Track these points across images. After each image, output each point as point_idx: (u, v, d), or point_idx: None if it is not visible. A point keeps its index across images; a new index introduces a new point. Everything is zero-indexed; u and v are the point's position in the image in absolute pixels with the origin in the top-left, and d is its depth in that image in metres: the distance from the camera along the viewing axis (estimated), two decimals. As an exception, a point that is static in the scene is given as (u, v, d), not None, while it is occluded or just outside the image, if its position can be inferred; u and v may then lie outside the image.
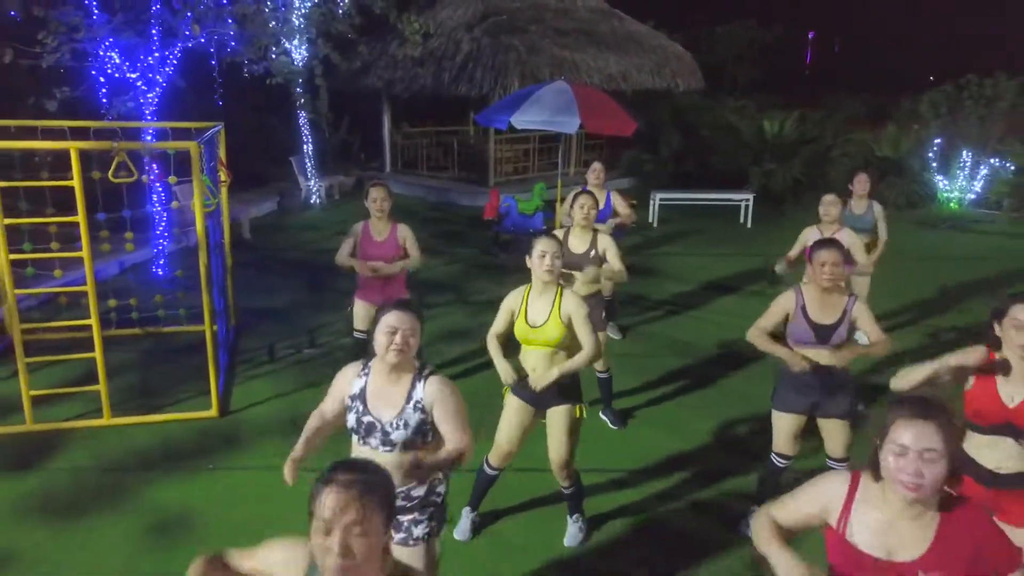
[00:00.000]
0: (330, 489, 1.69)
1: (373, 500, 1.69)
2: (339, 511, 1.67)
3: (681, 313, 8.34)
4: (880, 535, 2.05)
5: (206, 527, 4.29)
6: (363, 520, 1.67)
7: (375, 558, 1.70)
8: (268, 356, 6.76)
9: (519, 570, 3.96)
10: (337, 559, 1.65)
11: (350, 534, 1.66)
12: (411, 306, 2.85)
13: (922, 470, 1.95)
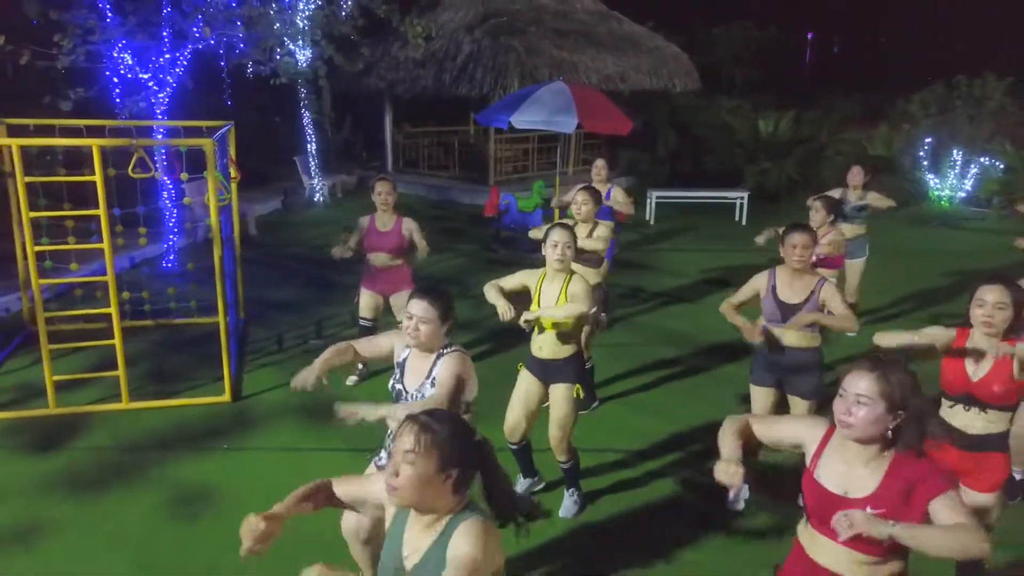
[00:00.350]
0: (405, 424, 2.02)
1: (428, 440, 1.99)
2: (400, 440, 2.01)
3: (675, 305, 8.62)
4: (841, 477, 2.34)
5: (223, 501, 4.57)
6: (415, 452, 1.98)
7: (424, 491, 2.00)
8: (277, 346, 7.04)
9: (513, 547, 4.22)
10: (387, 478, 2.00)
11: (403, 460, 1.98)
12: (432, 294, 3.13)
13: (851, 409, 2.26)
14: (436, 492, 2.02)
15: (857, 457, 2.33)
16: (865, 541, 2.23)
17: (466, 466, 2.05)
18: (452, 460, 2.01)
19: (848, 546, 2.29)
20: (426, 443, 1.99)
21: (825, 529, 2.35)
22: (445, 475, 2.01)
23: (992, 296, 3.21)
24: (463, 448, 2.04)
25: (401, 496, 2.01)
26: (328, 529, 3.60)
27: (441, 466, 2.00)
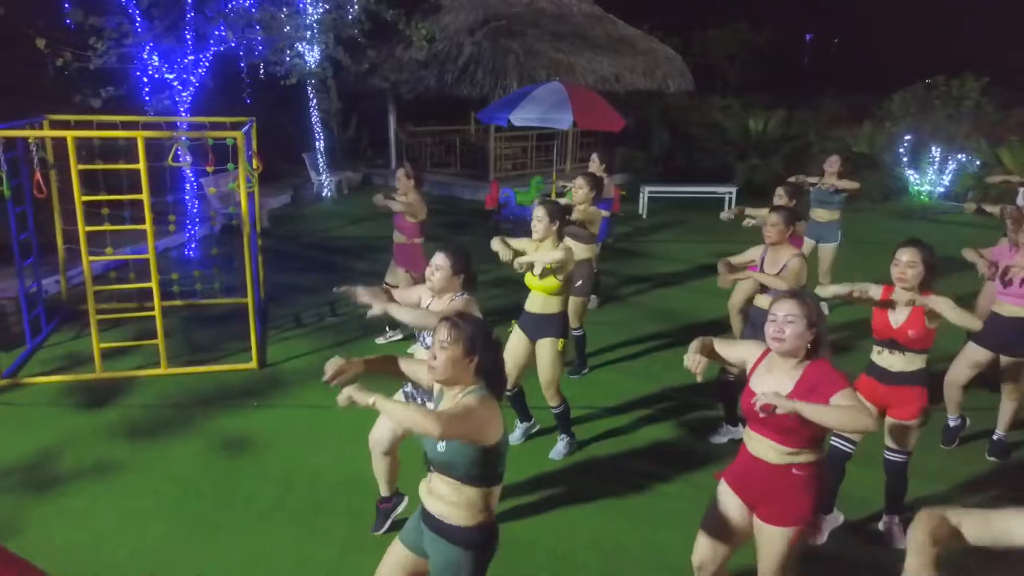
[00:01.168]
0: (441, 322, 2.73)
1: (457, 333, 2.68)
2: (438, 333, 2.71)
3: (664, 288, 9.27)
4: (768, 384, 2.99)
5: (257, 446, 5.22)
6: (447, 340, 2.67)
7: (454, 370, 2.70)
8: (295, 323, 7.69)
9: (514, 477, 4.86)
10: (429, 360, 2.73)
11: (439, 348, 2.69)
12: (450, 248, 3.82)
13: (783, 328, 2.92)
14: (462, 371, 2.70)
15: (780, 368, 2.99)
16: (784, 434, 2.89)
17: (484, 354, 2.71)
18: (474, 348, 2.68)
19: (772, 439, 2.96)
20: (456, 335, 2.67)
21: (756, 426, 3.01)
22: (469, 359, 2.68)
23: (905, 256, 3.89)
24: (483, 341, 2.71)
25: (438, 373, 2.70)
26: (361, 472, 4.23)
27: (466, 352, 2.67)
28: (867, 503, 4.52)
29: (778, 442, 2.96)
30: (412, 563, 2.96)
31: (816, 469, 3.00)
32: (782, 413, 2.74)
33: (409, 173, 6.72)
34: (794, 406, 2.71)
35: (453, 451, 2.68)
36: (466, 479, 2.70)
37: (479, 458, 2.66)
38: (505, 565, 3.92)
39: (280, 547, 4.14)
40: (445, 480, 2.74)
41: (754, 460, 3.06)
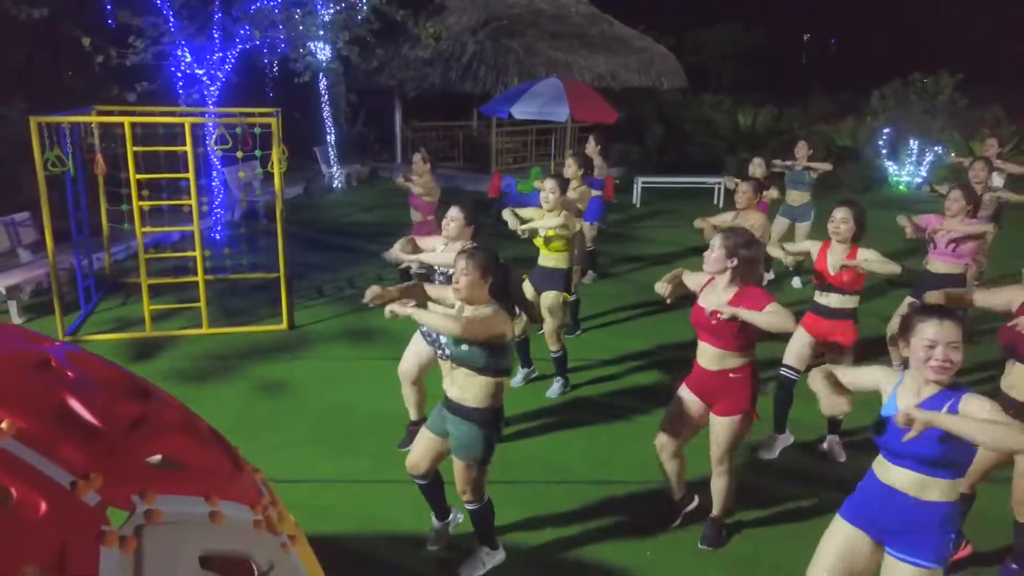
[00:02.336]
0: (460, 254, 3.49)
1: (472, 260, 3.46)
2: (458, 262, 3.48)
3: (655, 266, 10.08)
4: (710, 302, 3.80)
5: (293, 389, 6.04)
6: (465, 268, 3.46)
7: (473, 290, 3.47)
8: (318, 294, 8.51)
9: (514, 410, 5.67)
10: (453, 284, 3.50)
11: (460, 273, 3.46)
12: (462, 202, 4.65)
13: (709, 256, 3.73)
14: (480, 290, 3.50)
15: (719, 287, 3.83)
16: (722, 338, 3.72)
17: (496, 275, 3.52)
18: (488, 271, 3.49)
19: (713, 344, 3.79)
20: (473, 262, 3.47)
21: (704, 336, 3.85)
22: (484, 280, 3.48)
23: (839, 214, 4.73)
24: (495, 265, 3.52)
25: (461, 293, 3.50)
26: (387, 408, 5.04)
27: (482, 274, 3.47)
28: (813, 429, 5.32)
29: (717, 347, 3.79)
30: (437, 445, 3.76)
31: (749, 371, 3.83)
32: (724, 319, 3.59)
33: (426, 158, 7.54)
34: (735, 312, 3.54)
35: (472, 350, 3.49)
36: (481, 370, 3.51)
37: (491, 354, 3.47)
38: (511, 473, 4.75)
39: (320, 461, 4.95)
40: (465, 372, 3.55)
41: (702, 369, 3.91)
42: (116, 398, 2.10)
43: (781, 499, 4.55)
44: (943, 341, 2.56)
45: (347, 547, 4.05)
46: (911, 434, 2.42)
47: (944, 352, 2.56)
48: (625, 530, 4.25)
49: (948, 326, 2.58)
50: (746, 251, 3.77)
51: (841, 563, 2.79)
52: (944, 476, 2.61)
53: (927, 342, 2.59)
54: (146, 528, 1.64)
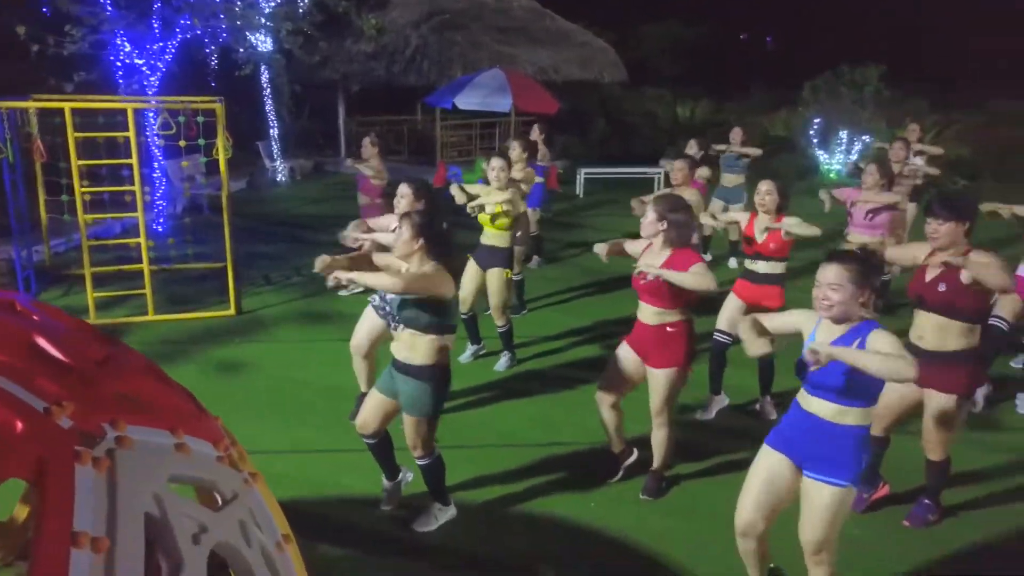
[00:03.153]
0: (403, 218, 3.65)
1: (412, 221, 3.62)
2: (399, 229, 3.62)
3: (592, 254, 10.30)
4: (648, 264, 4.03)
5: (246, 368, 6.10)
6: (405, 229, 3.62)
7: (409, 248, 3.63)
8: (265, 281, 8.53)
9: (463, 384, 5.83)
10: (395, 245, 3.67)
11: (400, 235, 3.62)
12: (413, 180, 4.80)
13: (645, 223, 3.97)
14: (420, 251, 3.66)
15: (655, 251, 4.06)
16: (658, 298, 3.96)
17: (435, 236, 3.68)
18: (427, 232, 3.65)
19: (651, 303, 4.03)
20: (412, 223, 3.62)
21: (643, 297, 4.08)
22: (424, 240, 3.65)
23: (764, 187, 5.05)
24: (433, 226, 3.68)
25: (400, 251, 3.65)
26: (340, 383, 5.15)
27: (421, 234, 3.64)
28: (745, 391, 5.61)
29: (655, 305, 4.03)
30: (386, 404, 3.91)
31: (684, 327, 4.09)
32: (652, 279, 3.84)
33: (374, 141, 7.66)
34: (660, 272, 3.79)
35: (415, 310, 3.65)
36: (425, 329, 3.66)
37: (434, 312, 3.64)
38: (460, 438, 4.92)
39: (272, 433, 5.04)
40: (410, 332, 3.70)
41: (642, 324, 4.14)
42: (83, 340, 2.23)
43: (717, 454, 4.82)
44: (824, 282, 2.90)
45: (300, 511, 4.15)
46: (816, 367, 2.73)
47: (824, 291, 2.89)
48: (570, 485, 4.45)
49: (830, 269, 2.92)
50: (675, 215, 4.01)
51: (766, 486, 3.04)
52: (855, 405, 2.88)
53: (816, 283, 2.91)
54: (117, 452, 1.77)
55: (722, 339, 5.26)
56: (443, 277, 3.64)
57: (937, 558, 3.80)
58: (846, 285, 2.87)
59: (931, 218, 3.81)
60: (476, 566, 3.76)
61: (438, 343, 3.72)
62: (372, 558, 3.82)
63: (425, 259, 3.70)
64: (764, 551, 3.15)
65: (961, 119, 16.21)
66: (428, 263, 3.69)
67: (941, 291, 3.72)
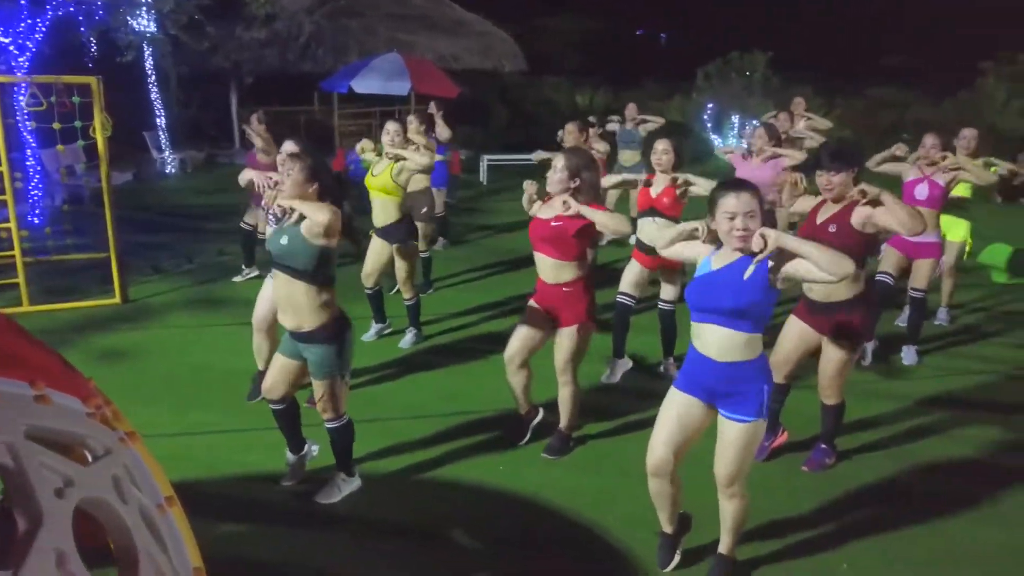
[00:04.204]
0: (288, 158, 3.54)
1: (300, 162, 3.50)
2: (284, 166, 3.51)
3: (502, 234, 10.35)
4: (549, 216, 4.01)
5: (136, 354, 5.77)
6: (292, 169, 3.50)
7: (301, 190, 3.50)
8: (153, 270, 8.10)
9: (369, 361, 5.68)
10: (281, 188, 3.52)
11: (286, 175, 3.50)
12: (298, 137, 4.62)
13: (551, 176, 3.96)
14: (308, 195, 3.52)
15: (556, 203, 4.05)
16: (558, 247, 3.96)
17: (324, 180, 3.55)
18: (316, 174, 3.52)
19: (550, 255, 4.02)
20: (300, 164, 3.50)
21: (541, 247, 4.07)
22: (311, 183, 3.52)
23: (660, 146, 5.12)
24: (323, 170, 3.54)
25: (287, 193, 3.52)
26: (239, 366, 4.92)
27: (310, 176, 3.51)
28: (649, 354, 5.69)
29: (552, 256, 4.03)
30: (291, 367, 3.75)
31: (582, 284, 4.10)
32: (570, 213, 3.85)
33: (261, 118, 7.36)
34: (578, 208, 3.79)
35: (296, 245, 3.52)
36: (301, 274, 3.52)
37: (317, 253, 3.51)
38: (367, 412, 4.77)
39: (165, 417, 4.76)
40: (289, 292, 3.55)
41: (542, 283, 4.14)
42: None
43: (623, 414, 4.85)
44: (741, 211, 2.86)
45: (199, 490, 3.94)
46: (762, 255, 2.79)
47: (743, 221, 2.86)
48: (479, 451, 4.39)
49: (744, 197, 2.88)
50: (588, 173, 4.01)
51: (676, 424, 3.06)
52: (745, 329, 2.90)
53: (728, 213, 2.88)
54: (-29, 398, 1.62)
55: (625, 301, 5.31)
56: (335, 215, 3.51)
57: (834, 499, 3.94)
58: (758, 211, 2.89)
59: (822, 171, 3.93)
60: (384, 533, 3.65)
61: (323, 297, 3.59)
62: (276, 531, 3.65)
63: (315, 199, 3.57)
64: (676, 493, 3.17)
65: (843, 104, 17.05)
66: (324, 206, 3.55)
67: (832, 232, 3.84)
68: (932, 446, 4.54)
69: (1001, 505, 3.91)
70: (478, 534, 3.68)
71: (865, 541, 3.56)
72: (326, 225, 3.39)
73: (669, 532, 3.29)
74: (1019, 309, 7.18)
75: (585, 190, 4.04)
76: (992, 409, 5.04)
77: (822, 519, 3.75)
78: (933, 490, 4.07)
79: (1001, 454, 4.47)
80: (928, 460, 4.37)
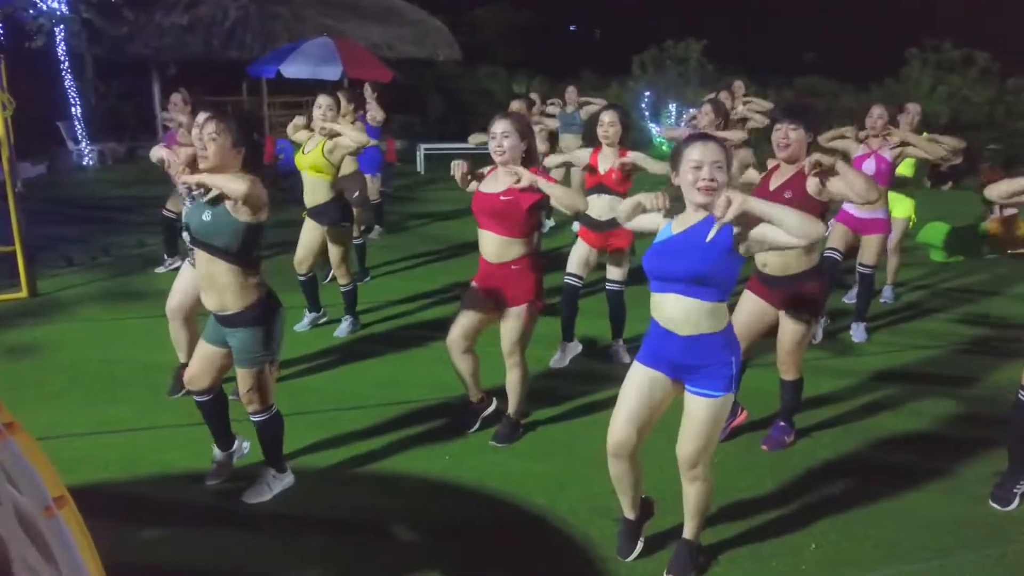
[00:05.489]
0: (205, 117, 3.13)
1: (222, 123, 3.12)
2: (204, 126, 3.10)
3: (440, 222, 10.06)
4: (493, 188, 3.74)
5: (41, 349, 5.29)
6: (213, 132, 3.11)
7: (224, 158, 3.13)
8: (66, 263, 7.54)
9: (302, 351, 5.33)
10: (200, 158, 3.15)
11: (208, 139, 3.10)
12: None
13: (500, 145, 3.72)
14: (231, 160, 3.16)
15: (503, 176, 3.79)
16: (506, 223, 3.70)
17: (249, 145, 3.21)
18: (241, 138, 3.17)
19: (496, 231, 3.76)
20: (223, 125, 3.13)
21: (487, 223, 3.80)
22: (236, 149, 3.17)
23: (607, 118, 4.90)
24: (247, 133, 3.20)
25: (208, 161, 3.14)
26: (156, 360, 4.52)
27: (234, 141, 3.15)
28: (597, 337, 5.48)
29: (499, 232, 3.77)
30: (218, 355, 3.39)
31: (529, 262, 3.87)
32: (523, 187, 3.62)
33: (187, 99, 6.87)
34: (534, 179, 3.55)
35: (219, 221, 3.16)
36: (224, 254, 3.18)
37: (243, 231, 3.17)
38: (299, 404, 4.44)
39: (75, 414, 4.33)
40: (211, 272, 3.20)
41: (486, 263, 3.88)
42: None
43: (573, 398, 4.62)
44: (707, 161, 2.64)
45: (109, 493, 3.56)
46: (728, 216, 2.54)
47: (710, 171, 2.64)
48: (423, 440, 4.10)
49: (711, 147, 2.67)
50: (533, 139, 3.77)
51: (638, 400, 2.83)
52: (709, 297, 2.69)
53: (693, 163, 2.66)
54: None
55: (572, 282, 5.08)
56: (262, 189, 3.17)
57: (796, 478, 3.79)
58: (724, 164, 2.68)
59: (780, 124, 3.74)
60: (319, 532, 3.33)
61: (252, 279, 3.25)
62: (201, 535, 3.30)
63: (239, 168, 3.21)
64: (637, 475, 2.95)
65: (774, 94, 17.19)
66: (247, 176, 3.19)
67: (787, 198, 3.66)
68: (887, 421, 4.44)
69: (960, 477, 3.81)
70: (421, 527, 3.39)
71: (830, 519, 3.40)
72: (245, 194, 3.04)
73: (632, 518, 3.06)
74: (957, 286, 7.24)
75: (532, 158, 3.80)
76: (942, 383, 4.99)
77: (785, 498, 3.58)
78: (891, 464, 3.96)
79: (954, 426, 4.41)
80: (884, 435, 4.26)
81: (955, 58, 15.11)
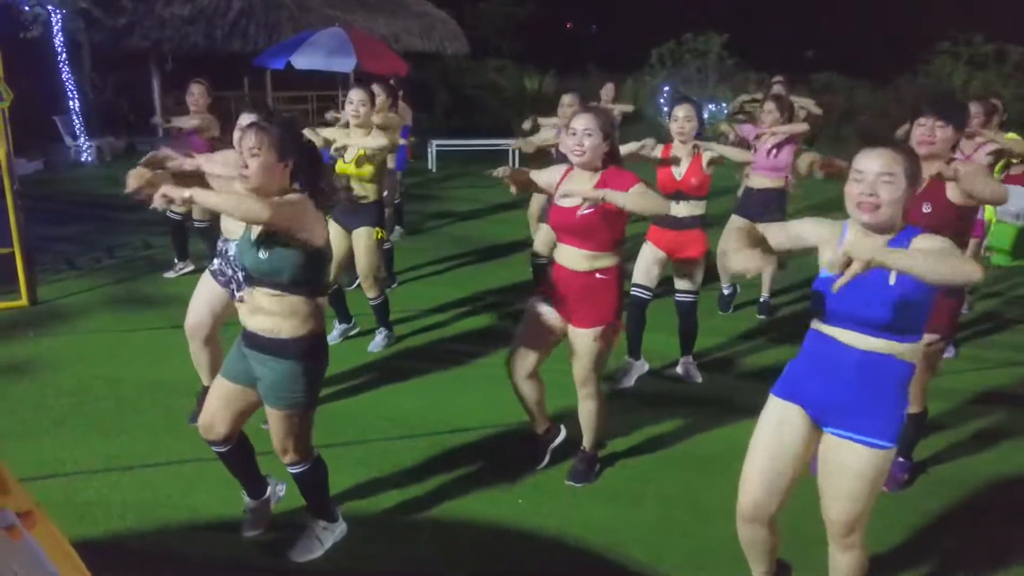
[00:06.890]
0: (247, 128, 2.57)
1: (264, 135, 2.55)
2: (244, 139, 2.56)
3: (462, 222, 9.53)
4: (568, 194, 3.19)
5: (40, 367, 4.73)
6: (256, 146, 2.55)
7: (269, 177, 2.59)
8: (68, 266, 6.99)
9: (333, 369, 4.78)
10: (240, 170, 2.58)
11: (249, 155, 2.56)
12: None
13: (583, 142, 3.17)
14: (277, 177, 2.62)
15: (581, 178, 3.25)
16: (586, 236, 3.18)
17: (300, 156, 2.65)
18: (289, 150, 2.61)
19: (577, 245, 3.23)
20: (268, 138, 2.56)
21: (564, 237, 3.27)
22: (283, 164, 2.61)
23: (682, 113, 4.40)
24: (298, 143, 2.65)
25: (251, 181, 2.57)
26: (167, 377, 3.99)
27: (280, 154, 2.60)
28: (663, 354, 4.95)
29: (582, 247, 3.23)
30: (238, 396, 2.83)
31: (616, 273, 3.32)
32: (587, 211, 3.04)
33: (209, 90, 6.35)
34: (604, 194, 2.95)
35: (277, 257, 2.61)
36: (292, 287, 2.65)
37: (305, 262, 2.62)
38: (339, 435, 3.94)
39: (81, 447, 3.78)
40: (269, 293, 2.67)
41: (563, 271, 3.32)
42: None
43: (646, 424, 4.09)
44: (873, 172, 2.11)
45: (127, 547, 3.02)
46: (844, 279, 1.87)
47: (872, 185, 2.11)
48: (487, 479, 3.56)
49: (885, 155, 2.13)
50: (612, 129, 3.24)
51: (779, 451, 2.30)
52: (901, 341, 2.17)
53: (856, 174, 2.13)
54: None
55: (641, 295, 4.54)
56: (317, 213, 2.63)
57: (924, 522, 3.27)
58: (900, 178, 2.14)
59: (926, 119, 3.18)
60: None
61: (309, 306, 2.71)
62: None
63: (285, 186, 2.67)
64: (775, 540, 2.43)
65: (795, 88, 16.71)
66: (295, 194, 2.66)
67: (925, 212, 3.13)
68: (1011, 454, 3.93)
69: None
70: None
71: None
72: (267, 221, 2.47)
73: (765, 589, 2.54)
74: (1028, 292, 6.75)
75: (615, 159, 3.27)
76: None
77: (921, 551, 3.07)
78: None
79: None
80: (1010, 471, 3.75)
81: (987, 52, 14.61)
